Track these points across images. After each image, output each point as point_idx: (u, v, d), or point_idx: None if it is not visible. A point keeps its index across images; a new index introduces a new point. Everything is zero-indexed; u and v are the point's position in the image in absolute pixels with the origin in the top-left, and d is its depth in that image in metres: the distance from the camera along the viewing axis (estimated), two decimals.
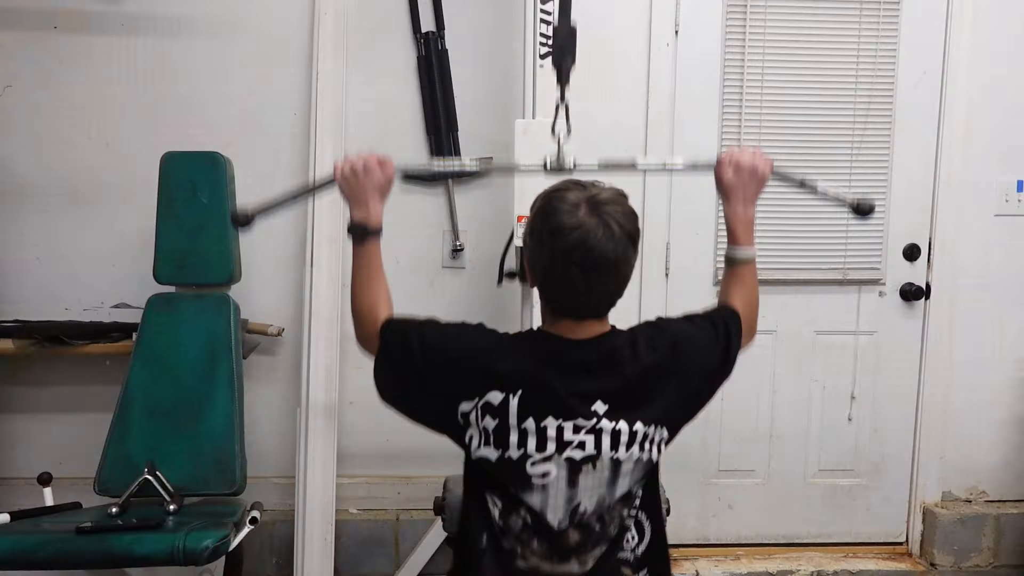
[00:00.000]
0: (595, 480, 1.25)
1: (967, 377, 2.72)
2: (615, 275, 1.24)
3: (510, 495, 1.26)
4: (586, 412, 1.23)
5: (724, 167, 1.47)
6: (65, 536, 1.85)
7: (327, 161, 2.44)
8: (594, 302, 1.27)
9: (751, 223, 1.51)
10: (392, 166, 1.42)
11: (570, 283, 1.23)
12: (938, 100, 2.63)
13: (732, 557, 2.71)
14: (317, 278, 2.42)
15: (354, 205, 1.41)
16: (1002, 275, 2.70)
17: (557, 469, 1.24)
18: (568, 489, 1.25)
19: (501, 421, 1.24)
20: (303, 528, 2.36)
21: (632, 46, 2.56)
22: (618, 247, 1.22)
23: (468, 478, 1.35)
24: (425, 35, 2.51)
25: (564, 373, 1.25)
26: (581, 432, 1.23)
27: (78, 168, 2.51)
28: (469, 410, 1.26)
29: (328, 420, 2.41)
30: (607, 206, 1.23)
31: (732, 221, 1.50)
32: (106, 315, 2.52)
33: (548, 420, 1.23)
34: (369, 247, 1.42)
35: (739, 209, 1.49)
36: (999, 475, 2.77)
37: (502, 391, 1.24)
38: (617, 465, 1.25)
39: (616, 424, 1.23)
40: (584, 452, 1.23)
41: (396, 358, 1.35)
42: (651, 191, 2.59)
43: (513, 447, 1.24)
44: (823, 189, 1.57)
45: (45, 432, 2.58)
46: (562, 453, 1.23)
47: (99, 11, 2.47)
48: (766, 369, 2.70)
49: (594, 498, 1.25)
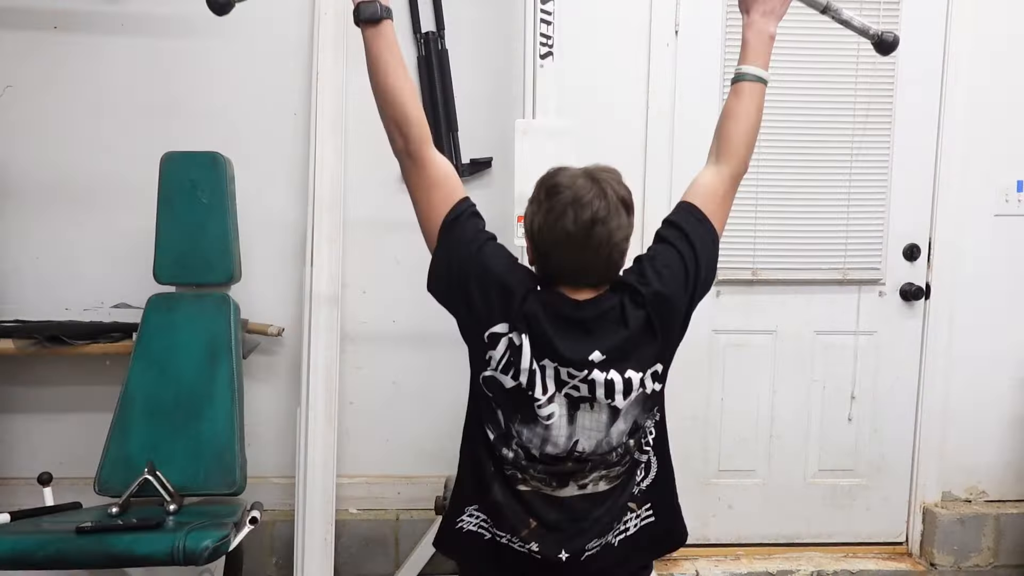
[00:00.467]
0: (593, 421, 1.30)
1: (967, 377, 2.72)
2: (607, 237, 1.27)
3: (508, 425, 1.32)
4: (580, 361, 1.28)
5: None
6: (65, 536, 1.84)
7: (327, 161, 2.44)
8: (588, 266, 1.30)
9: (770, 41, 1.47)
10: None
11: (564, 239, 1.27)
12: (938, 100, 2.63)
13: (732, 557, 2.71)
14: (317, 278, 2.42)
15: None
16: (1002, 275, 2.70)
17: (559, 408, 1.30)
18: (568, 426, 1.31)
19: (512, 356, 1.29)
20: (303, 528, 2.36)
21: (632, 46, 2.56)
22: (610, 206, 1.27)
23: (473, 401, 1.40)
24: (425, 35, 2.51)
25: (565, 328, 1.30)
26: (575, 380, 1.29)
27: (78, 168, 2.51)
28: (503, 333, 1.30)
29: (328, 420, 2.41)
30: (602, 173, 1.30)
31: (749, 35, 1.47)
32: (106, 315, 2.52)
33: (546, 362, 1.29)
34: (384, 28, 1.38)
35: (758, 19, 1.47)
36: (999, 475, 2.77)
37: (518, 330, 1.29)
38: (615, 411, 1.30)
39: (607, 374, 1.28)
40: (579, 393, 1.29)
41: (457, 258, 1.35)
42: (651, 191, 2.58)
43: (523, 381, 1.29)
44: (847, 16, 1.51)
45: (45, 432, 2.59)
46: (562, 390, 1.29)
47: (99, 11, 2.47)
48: (766, 369, 2.70)
49: (592, 440, 1.31)
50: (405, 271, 2.55)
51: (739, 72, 1.47)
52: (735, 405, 2.70)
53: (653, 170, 2.58)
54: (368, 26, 1.37)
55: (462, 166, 2.55)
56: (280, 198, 2.55)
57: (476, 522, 1.39)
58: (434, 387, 2.59)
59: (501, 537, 1.36)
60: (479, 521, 1.39)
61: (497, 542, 1.37)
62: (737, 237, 2.61)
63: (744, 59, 1.47)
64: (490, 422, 1.35)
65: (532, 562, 1.34)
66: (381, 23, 1.37)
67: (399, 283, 2.57)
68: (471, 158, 2.56)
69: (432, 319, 2.49)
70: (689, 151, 2.60)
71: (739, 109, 1.46)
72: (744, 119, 1.46)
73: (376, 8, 1.36)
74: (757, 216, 2.61)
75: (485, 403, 1.35)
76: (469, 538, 1.40)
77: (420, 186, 1.40)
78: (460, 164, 2.55)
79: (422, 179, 1.39)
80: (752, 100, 1.46)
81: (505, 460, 1.34)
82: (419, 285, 2.59)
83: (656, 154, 2.58)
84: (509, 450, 1.33)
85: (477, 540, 1.39)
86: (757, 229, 2.62)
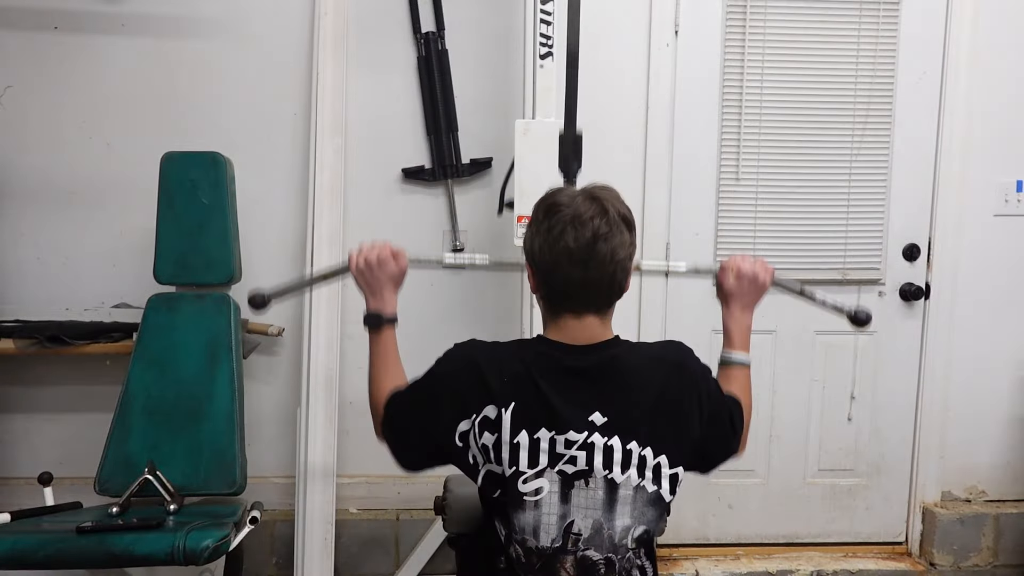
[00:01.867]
0: (589, 499, 1.23)
1: (967, 377, 2.72)
2: (610, 254, 1.24)
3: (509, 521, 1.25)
4: (580, 424, 1.22)
5: (726, 274, 1.51)
6: (65, 536, 1.84)
7: (327, 161, 2.44)
8: (591, 286, 1.26)
9: (748, 329, 1.55)
10: (405, 257, 1.49)
11: (566, 258, 1.24)
12: (938, 100, 2.63)
13: (732, 557, 2.71)
14: None
15: (369, 295, 1.48)
16: (1002, 275, 2.70)
17: (549, 484, 1.23)
18: (561, 505, 1.23)
19: (497, 436, 1.24)
20: (303, 528, 2.37)
21: (632, 46, 2.56)
22: (611, 223, 1.25)
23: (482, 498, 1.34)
24: (425, 35, 2.51)
25: (561, 380, 1.24)
26: (573, 447, 1.22)
27: (78, 168, 2.51)
28: (468, 429, 1.27)
29: (328, 420, 2.41)
30: (601, 192, 1.29)
31: (730, 325, 1.54)
32: (106, 315, 2.52)
33: (541, 432, 1.22)
34: (384, 335, 1.48)
35: (737, 314, 1.53)
36: (999, 475, 2.77)
37: (495, 405, 1.24)
38: (613, 487, 1.23)
39: (608, 440, 1.22)
40: (575, 467, 1.23)
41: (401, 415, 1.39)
42: (651, 190, 2.58)
43: (506, 464, 1.23)
44: (821, 297, 1.61)
45: (45, 432, 2.59)
46: (554, 467, 1.23)
47: (99, 11, 2.47)
48: (766, 369, 2.70)
49: (589, 520, 1.23)
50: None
51: (725, 358, 1.53)
52: None
53: (653, 170, 2.58)
54: (372, 331, 1.48)
55: (462, 166, 2.55)
56: (280, 198, 2.55)
57: None
58: None
59: None
60: None
61: None
62: (737, 237, 2.61)
63: (729, 345, 1.53)
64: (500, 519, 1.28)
65: None
66: (383, 329, 1.47)
67: None
68: (471, 158, 2.56)
69: (432, 319, 2.50)
70: (689, 151, 2.60)
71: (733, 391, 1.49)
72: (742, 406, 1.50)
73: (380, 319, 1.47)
74: (757, 216, 2.61)
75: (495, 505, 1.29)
76: None
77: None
78: (460, 164, 2.55)
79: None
80: (745, 384, 1.53)
81: (513, 561, 1.27)
82: (419, 284, 2.59)
83: (656, 154, 2.58)
84: (514, 549, 1.26)
85: None
86: (757, 229, 2.62)
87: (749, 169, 2.59)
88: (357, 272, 1.46)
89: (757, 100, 2.58)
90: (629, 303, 2.59)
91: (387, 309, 1.47)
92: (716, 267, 1.55)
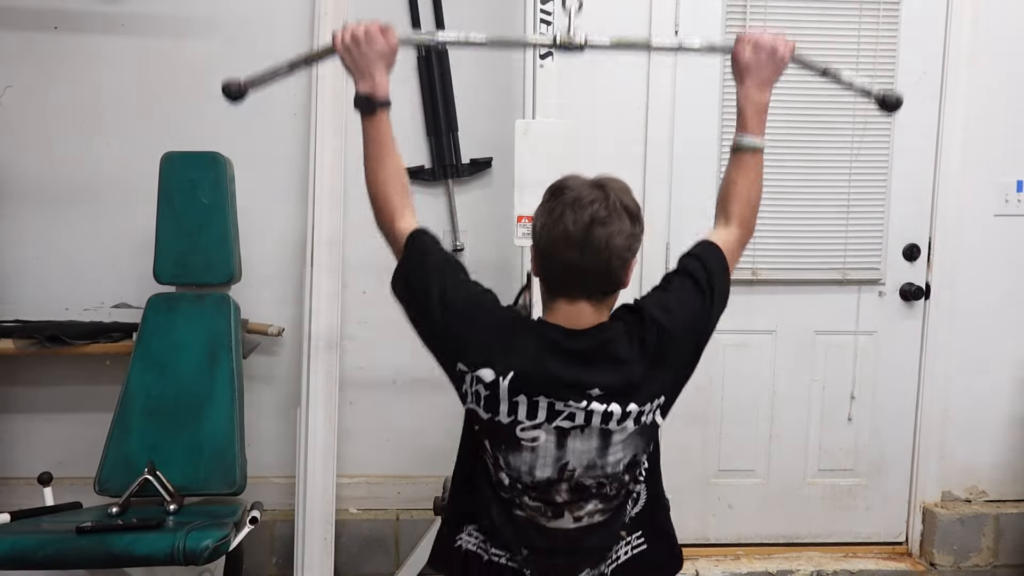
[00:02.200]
0: (584, 444, 1.26)
1: (967, 377, 2.72)
2: (606, 240, 1.23)
3: (496, 453, 1.29)
4: (579, 396, 1.25)
5: (742, 44, 1.45)
6: (65, 536, 1.85)
7: (327, 161, 2.44)
8: (586, 271, 1.25)
9: (764, 109, 1.47)
10: (394, 33, 1.39)
11: (563, 239, 1.23)
12: (938, 100, 2.63)
13: (732, 557, 2.71)
14: (317, 278, 2.42)
15: (358, 76, 1.38)
16: (1002, 275, 2.70)
17: (546, 435, 1.26)
18: (557, 450, 1.27)
19: (492, 394, 1.26)
20: (303, 528, 2.36)
21: None
22: (610, 209, 1.24)
23: (466, 423, 1.37)
24: None
25: (562, 362, 1.26)
26: (571, 409, 1.25)
27: (78, 168, 2.51)
28: (465, 371, 1.28)
29: (328, 420, 2.41)
30: (610, 182, 1.28)
31: (744, 104, 1.46)
32: (106, 315, 2.52)
33: (540, 398, 1.25)
34: (378, 119, 1.39)
35: (752, 91, 1.46)
36: (999, 475, 2.77)
37: (494, 372, 1.25)
38: (607, 434, 1.26)
39: (608, 407, 1.25)
40: (573, 423, 1.25)
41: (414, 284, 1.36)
42: (651, 190, 2.58)
43: (503, 415, 1.26)
44: (848, 79, 1.50)
45: (45, 432, 2.59)
46: (552, 422, 1.25)
47: (99, 11, 2.47)
48: (766, 369, 2.70)
49: (584, 460, 1.27)
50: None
51: (738, 142, 1.46)
52: (735, 405, 2.70)
53: (653, 170, 2.58)
54: (364, 116, 1.40)
55: (462, 166, 2.55)
56: (280, 198, 2.55)
57: (475, 542, 1.37)
58: (434, 387, 2.58)
59: (499, 557, 1.34)
60: (478, 541, 1.36)
61: (494, 563, 1.34)
62: None
63: (742, 128, 1.46)
64: (482, 447, 1.32)
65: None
66: (376, 113, 1.39)
67: None
68: (471, 158, 2.56)
69: None
70: (689, 151, 2.60)
71: (742, 179, 1.46)
72: (748, 188, 1.47)
73: (373, 101, 1.38)
74: (757, 216, 2.60)
75: (470, 429, 1.34)
76: (467, 558, 1.37)
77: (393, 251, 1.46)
78: (460, 164, 2.55)
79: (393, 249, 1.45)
80: (753, 169, 1.47)
81: (501, 484, 1.31)
82: None
83: (656, 154, 2.58)
84: (505, 475, 1.30)
85: (475, 560, 1.36)
86: (757, 229, 2.61)
87: None
88: (343, 50, 1.37)
89: None
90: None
91: (379, 91, 1.37)
92: (732, 41, 1.45)
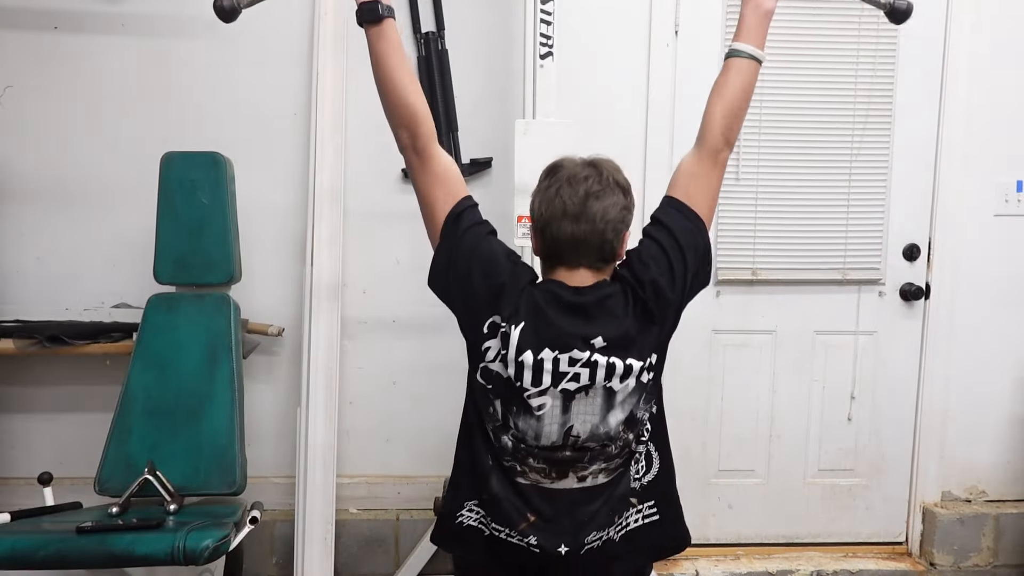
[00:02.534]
0: (588, 406, 1.32)
1: (967, 377, 2.72)
2: (602, 212, 1.32)
3: (506, 415, 1.33)
4: (583, 344, 1.30)
5: None
6: (65, 536, 1.85)
7: (327, 161, 2.44)
8: (583, 241, 1.33)
9: (766, 17, 1.44)
10: None
11: (560, 213, 1.32)
12: (938, 100, 2.63)
13: (732, 557, 2.71)
14: (317, 278, 2.42)
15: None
16: (1002, 275, 2.70)
17: (552, 400, 1.31)
18: (562, 415, 1.32)
19: (507, 349, 1.30)
20: (303, 528, 2.37)
21: (632, 46, 2.56)
22: (603, 182, 1.33)
23: (470, 395, 1.41)
24: (425, 35, 2.51)
25: (564, 311, 1.32)
26: (576, 365, 1.30)
27: (78, 168, 2.51)
28: (501, 322, 1.32)
29: (328, 420, 2.41)
30: (602, 161, 1.37)
31: (747, 9, 1.44)
32: (106, 315, 2.52)
33: (545, 352, 1.30)
34: (386, 27, 1.39)
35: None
36: (999, 475, 2.77)
37: (506, 321, 1.31)
38: (611, 393, 1.31)
39: (610, 359, 1.30)
40: (578, 384, 1.30)
41: (460, 254, 1.38)
42: (651, 190, 2.58)
43: (512, 376, 1.31)
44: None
45: (45, 432, 2.59)
46: (558, 386, 1.31)
47: (99, 11, 2.47)
48: (766, 369, 2.70)
49: (587, 424, 1.33)
50: (405, 271, 2.55)
51: (732, 49, 1.44)
52: (735, 405, 2.70)
53: (653, 170, 2.58)
54: (371, 26, 1.38)
55: (462, 166, 2.55)
56: (280, 198, 2.55)
57: (476, 517, 1.39)
58: (434, 387, 2.60)
59: (499, 532, 1.36)
60: (479, 516, 1.39)
61: (495, 537, 1.36)
62: (737, 237, 2.61)
63: (739, 35, 1.44)
64: (488, 414, 1.36)
65: (531, 556, 1.34)
66: (383, 22, 1.37)
67: (399, 283, 2.58)
68: (471, 158, 2.56)
69: (432, 319, 2.50)
70: (689, 148, 2.60)
71: (726, 84, 1.44)
72: (729, 94, 1.43)
73: (378, 7, 1.36)
74: (757, 216, 2.61)
75: (483, 395, 1.36)
76: (468, 533, 1.40)
77: (425, 182, 1.42)
78: (460, 164, 2.55)
79: (427, 175, 1.42)
80: (740, 76, 1.43)
81: (504, 450, 1.35)
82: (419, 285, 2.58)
83: (656, 154, 2.58)
84: (508, 439, 1.34)
85: (476, 535, 1.39)
86: (757, 229, 2.62)
87: (749, 169, 2.59)
88: None
89: (757, 100, 2.57)
90: None
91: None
92: None
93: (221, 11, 1.48)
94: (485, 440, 1.37)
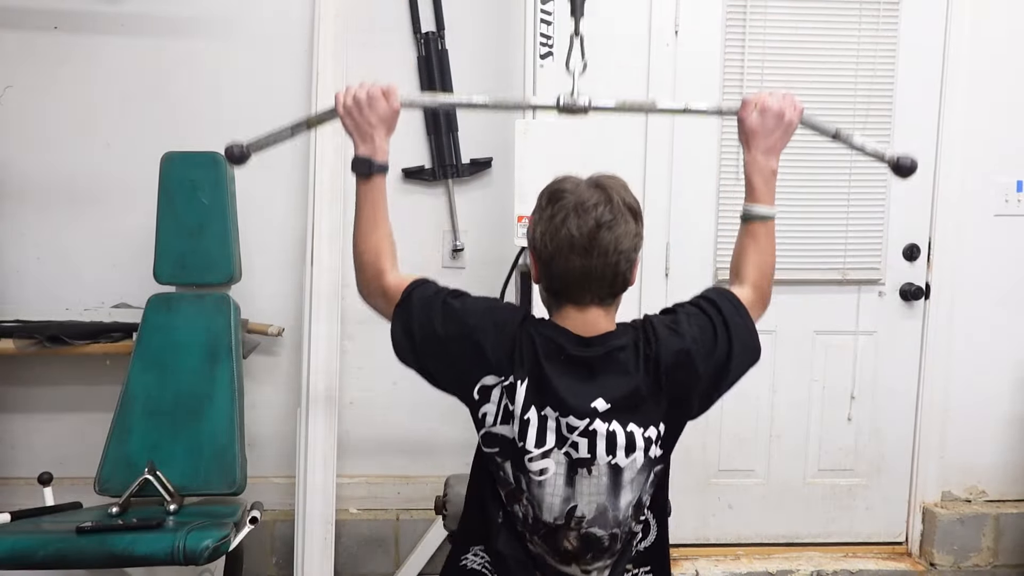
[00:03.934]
0: (593, 486, 1.22)
1: (967, 377, 2.72)
2: (614, 243, 1.21)
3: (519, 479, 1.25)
4: (583, 410, 1.21)
5: (748, 108, 1.39)
6: (65, 536, 1.85)
7: (327, 161, 2.44)
8: (593, 275, 1.22)
9: (772, 176, 1.41)
10: (396, 96, 1.37)
11: (567, 245, 1.21)
12: (938, 100, 2.63)
13: (732, 557, 2.71)
14: (317, 278, 2.42)
15: (359, 139, 1.37)
16: (1002, 275, 2.70)
17: (555, 466, 1.22)
18: (566, 488, 1.22)
19: (510, 406, 1.23)
20: (303, 528, 2.36)
21: (632, 46, 2.56)
22: (615, 211, 1.21)
23: (478, 453, 1.34)
24: (425, 35, 2.51)
25: (565, 367, 1.23)
26: (575, 433, 1.21)
27: (78, 168, 2.51)
28: (493, 384, 1.25)
29: (328, 420, 2.41)
30: (608, 180, 1.25)
31: (751, 171, 1.40)
32: (106, 315, 2.52)
33: (547, 411, 1.21)
34: (375, 184, 1.38)
35: (759, 158, 1.39)
36: (999, 475, 2.77)
37: (514, 376, 1.23)
38: (617, 472, 1.22)
39: (610, 426, 1.21)
40: (578, 453, 1.21)
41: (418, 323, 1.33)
42: (651, 190, 2.59)
43: (516, 436, 1.23)
44: (860, 142, 1.44)
45: (45, 432, 2.58)
46: (561, 447, 1.21)
47: (99, 11, 2.47)
48: (766, 369, 2.70)
49: (593, 505, 1.23)
50: (405, 271, 2.55)
51: (748, 212, 1.42)
52: (735, 405, 2.70)
53: (653, 170, 2.59)
54: (360, 179, 1.38)
55: (462, 166, 2.55)
56: (280, 198, 2.55)
57: (480, 562, 1.34)
58: (434, 387, 2.59)
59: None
60: (483, 562, 1.34)
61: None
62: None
63: (751, 198, 1.41)
64: (499, 478, 1.28)
65: None
66: (373, 177, 1.37)
67: None
68: (471, 158, 2.56)
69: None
70: (689, 152, 2.60)
71: (753, 249, 1.41)
72: (760, 258, 1.42)
73: (369, 166, 1.37)
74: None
75: (491, 460, 1.29)
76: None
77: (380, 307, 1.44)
78: (460, 164, 2.55)
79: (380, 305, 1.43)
80: (765, 238, 1.42)
81: (516, 518, 1.27)
82: None
83: (656, 154, 2.59)
84: (520, 508, 1.25)
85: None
86: None
87: None
88: (345, 113, 1.35)
89: None
90: (629, 304, 2.58)
91: (378, 155, 1.36)
92: (738, 105, 1.39)
93: (232, 156, 1.53)
94: (496, 499, 1.30)
